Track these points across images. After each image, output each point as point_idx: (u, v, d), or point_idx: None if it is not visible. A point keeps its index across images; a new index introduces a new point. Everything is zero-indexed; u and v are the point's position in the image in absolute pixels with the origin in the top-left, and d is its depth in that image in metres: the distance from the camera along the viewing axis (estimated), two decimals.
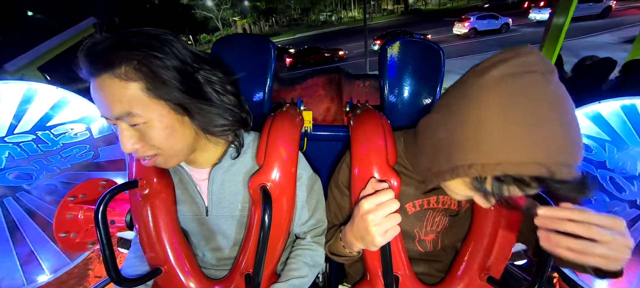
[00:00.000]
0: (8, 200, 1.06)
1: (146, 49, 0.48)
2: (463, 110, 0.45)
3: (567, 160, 0.39)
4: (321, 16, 36.37)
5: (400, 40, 0.94)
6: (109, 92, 0.48)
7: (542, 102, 0.40)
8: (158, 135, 0.52)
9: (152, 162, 0.56)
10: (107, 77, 0.47)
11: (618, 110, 1.10)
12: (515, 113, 0.40)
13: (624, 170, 1.06)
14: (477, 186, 0.46)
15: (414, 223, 0.71)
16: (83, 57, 0.48)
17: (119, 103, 0.48)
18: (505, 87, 0.41)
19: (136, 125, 0.51)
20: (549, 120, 0.39)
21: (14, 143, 1.09)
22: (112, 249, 0.58)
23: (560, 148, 0.39)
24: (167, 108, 0.52)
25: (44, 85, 1.16)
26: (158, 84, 0.49)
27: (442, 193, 0.68)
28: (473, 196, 0.51)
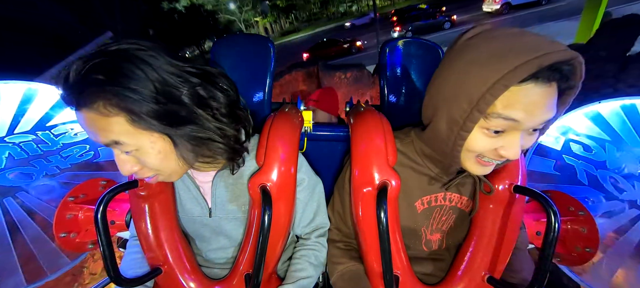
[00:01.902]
0: (8, 200, 1.06)
1: (118, 82, 0.43)
2: (456, 64, 0.52)
3: (559, 46, 0.45)
4: (341, 8, 35.81)
5: (400, 40, 0.94)
6: (92, 124, 0.46)
7: (515, 31, 0.49)
8: (153, 160, 0.51)
9: (153, 180, 0.56)
10: (86, 111, 0.45)
11: (618, 110, 1.10)
12: (499, 39, 0.48)
13: (624, 171, 1.06)
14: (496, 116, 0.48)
15: (422, 221, 0.71)
16: (61, 90, 0.46)
17: (105, 133, 0.46)
18: (482, 35, 0.51)
19: (129, 152, 0.50)
20: (525, 34, 0.48)
21: (14, 143, 1.09)
22: (112, 249, 0.58)
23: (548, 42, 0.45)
24: (155, 134, 0.49)
25: (44, 85, 1.16)
26: (141, 116, 0.46)
27: (451, 188, 0.68)
28: (494, 146, 0.52)
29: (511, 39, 0.47)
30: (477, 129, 0.51)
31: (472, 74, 0.48)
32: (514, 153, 0.50)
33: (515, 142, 0.50)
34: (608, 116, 1.11)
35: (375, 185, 0.64)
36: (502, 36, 0.48)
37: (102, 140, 0.48)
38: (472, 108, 0.48)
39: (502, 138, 0.51)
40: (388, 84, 0.95)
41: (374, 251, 0.66)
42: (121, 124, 0.46)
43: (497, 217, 0.66)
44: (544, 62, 0.43)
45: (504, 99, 0.46)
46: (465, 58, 0.50)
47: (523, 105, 0.46)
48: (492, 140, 0.51)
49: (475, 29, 0.53)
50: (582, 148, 1.13)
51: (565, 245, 0.88)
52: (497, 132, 0.50)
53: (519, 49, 0.45)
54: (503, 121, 0.48)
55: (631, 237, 1.00)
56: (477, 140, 0.52)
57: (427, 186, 0.68)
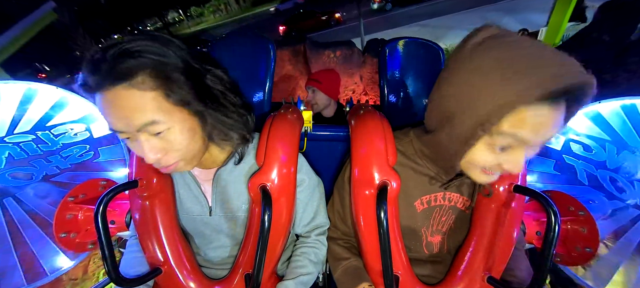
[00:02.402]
0: (8, 200, 1.06)
1: (154, 54, 0.46)
2: (463, 75, 0.49)
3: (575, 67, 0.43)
4: None
5: (401, 40, 0.94)
6: (127, 104, 0.45)
7: (526, 44, 0.46)
8: (181, 139, 0.51)
9: (173, 168, 0.54)
10: (122, 88, 0.44)
11: (618, 110, 1.10)
12: (510, 51, 0.45)
13: (624, 170, 1.06)
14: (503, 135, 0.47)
15: (422, 222, 0.71)
16: (89, 71, 0.45)
17: (141, 113, 0.46)
18: (492, 43, 0.48)
19: (159, 134, 0.49)
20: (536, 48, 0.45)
21: (14, 143, 1.09)
22: (112, 249, 0.58)
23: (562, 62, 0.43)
24: (185, 111, 0.51)
25: (44, 85, 1.16)
26: (175, 89, 0.48)
27: (451, 188, 0.68)
28: (498, 161, 0.51)
29: (523, 53, 0.45)
30: (481, 144, 0.51)
31: (479, 90, 0.47)
32: (518, 169, 0.50)
33: (520, 159, 0.50)
34: (608, 116, 1.11)
35: (375, 185, 0.64)
36: (514, 48, 0.46)
37: (134, 122, 0.46)
38: (477, 126, 0.48)
39: (506, 154, 0.50)
40: (388, 84, 0.95)
41: (374, 251, 0.66)
42: (158, 100, 0.47)
43: (497, 217, 0.66)
44: (558, 86, 0.41)
45: (512, 119, 0.45)
46: (473, 69, 0.48)
47: (532, 125, 0.45)
48: (496, 155, 0.51)
49: (484, 30, 0.50)
50: (582, 148, 1.13)
51: (565, 245, 0.88)
52: (501, 149, 0.49)
53: (531, 68, 0.43)
54: (510, 139, 0.47)
55: (631, 237, 1.00)
56: (481, 155, 0.52)
57: (427, 186, 0.68)
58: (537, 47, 0.45)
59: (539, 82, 0.42)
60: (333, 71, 1.70)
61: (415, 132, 0.68)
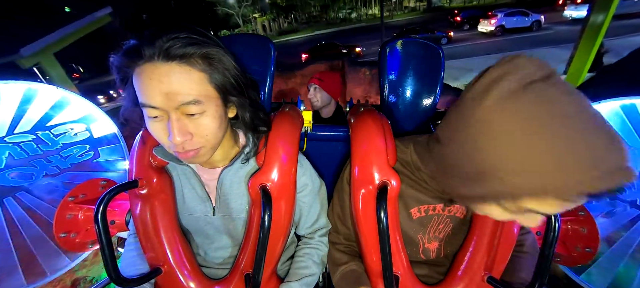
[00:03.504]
0: (8, 200, 1.06)
1: (210, 44, 0.51)
2: (477, 140, 0.41)
3: (615, 163, 0.34)
4: (340, 13, 36.31)
5: (400, 40, 0.94)
6: (177, 79, 0.48)
7: (556, 109, 0.35)
8: (211, 125, 0.53)
9: (194, 155, 0.55)
10: (176, 64, 0.48)
11: (618, 110, 1.10)
12: (534, 128, 0.36)
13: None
14: (524, 211, 0.41)
15: (418, 229, 0.70)
16: (147, 40, 0.47)
17: (187, 91, 0.49)
18: (512, 105, 0.37)
19: (193, 115, 0.51)
20: (572, 127, 0.35)
21: (14, 143, 1.09)
22: (112, 249, 0.58)
23: (599, 154, 0.34)
24: (220, 99, 0.54)
25: (44, 85, 1.16)
26: (219, 76, 0.52)
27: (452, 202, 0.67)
28: (508, 218, 0.46)
29: (565, 131, 0.35)
30: (496, 206, 0.45)
31: (501, 166, 0.39)
32: (536, 225, 0.46)
33: (538, 220, 0.45)
34: (608, 116, 1.11)
35: (375, 184, 0.64)
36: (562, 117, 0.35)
37: (178, 99, 0.48)
38: (487, 198, 0.42)
39: (522, 216, 0.45)
40: (388, 84, 0.95)
41: (374, 251, 0.66)
42: (204, 82, 0.50)
43: None
44: (601, 188, 0.34)
45: (540, 201, 0.39)
46: (495, 135, 0.39)
47: (559, 207, 0.39)
48: (508, 215, 0.45)
49: (514, 75, 0.38)
50: None
51: (565, 245, 0.89)
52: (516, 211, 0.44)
53: (574, 158, 0.34)
54: (523, 209, 0.41)
55: (631, 237, 1.00)
56: (492, 212, 0.47)
57: (424, 197, 0.66)
58: (588, 123, 0.35)
59: (582, 182, 0.34)
60: (336, 74, 1.71)
61: (415, 145, 0.64)
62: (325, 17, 36.78)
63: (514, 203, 0.41)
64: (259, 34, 12.39)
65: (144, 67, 0.47)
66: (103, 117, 1.23)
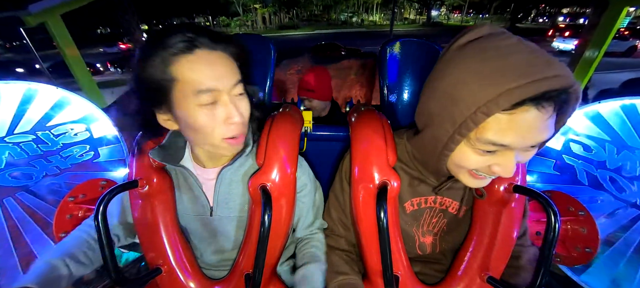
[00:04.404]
0: (8, 200, 1.06)
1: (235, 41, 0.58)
2: (445, 77, 0.49)
3: (554, 70, 0.41)
4: (342, 16, 36.71)
5: (401, 41, 0.94)
6: (227, 64, 0.55)
7: (502, 43, 0.45)
8: (248, 106, 0.60)
9: (242, 139, 0.61)
10: (223, 51, 0.55)
11: (618, 110, 1.10)
12: (490, 53, 0.45)
13: (624, 170, 1.06)
14: (485, 142, 0.47)
15: (412, 222, 0.71)
16: (201, 32, 0.53)
17: (235, 73, 0.56)
18: (469, 48, 0.48)
19: (240, 96, 0.58)
20: (515, 51, 0.44)
21: (14, 143, 1.09)
22: (112, 249, 0.58)
23: (544, 62, 0.42)
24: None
25: (44, 85, 1.16)
26: (242, 68, 0.59)
27: (442, 193, 0.68)
28: (487, 164, 0.50)
29: (502, 56, 0.44)
30: (467, 147, 0.50)
31: (457, 95, 0.46)
32: (508, 172, 0.49)
33: (510, 162, 0.49)
34: (608, 116, 1.11)
35: (375, 185, 0.64)
36: (495, 49, 0.45)
37: (231, 79, 0.55)
38: (454, 131, 0.48)
39: (495, 156, 0.49)
40: (388, 84, 0.95)
41: (374, 251, 0.66)
42: (235, 67, 0.57)
43: (496, 217, 0.66)
44: (532, 92, 0.40)
45: (493, 126, 0.45)
46: (454, 73, 0.48)
47: (513, 130, 0.44)
48: (484, 157, 0.50)
49: (471, 32, 0.49)
50: (582, 148, 1.13)
51: (565, 245, 0.89)
52: (488, 151, 0.49)
53: (507, 72, 0.42)
54: (491, 146, 0.47)
55: (631, 237, 1.00)
56: (467, 158, 0.51)
57: (417, 188, 0.69)
58: (519, 48, 0.44)
59: (512, 88, 0.41)
60: (323, 72, 1.61)
61: (408, 135, 0.68)
62: (326, 17, 36.93)
63: (477, 136, 0.47)
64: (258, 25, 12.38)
65: (197, 54, 0.52)
66: (103, 117, 1.22)
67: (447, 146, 0.50)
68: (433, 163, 0.57)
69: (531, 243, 0.74)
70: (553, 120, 0.45)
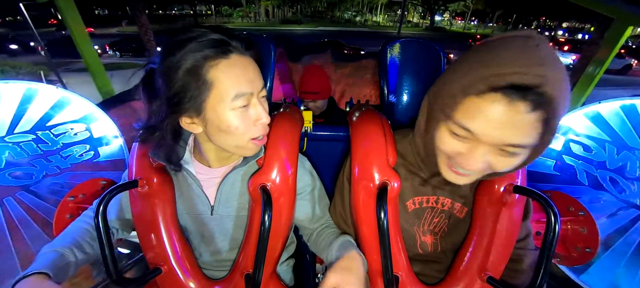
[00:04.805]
0: (8, 200, 1.06)
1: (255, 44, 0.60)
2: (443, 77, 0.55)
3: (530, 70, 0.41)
4: (346, 14, 36.65)
5: (401, 41, 0.94)
6: (254, 67, 0.58)
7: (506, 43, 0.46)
8: (267, 108, 0.62)
9: (265, 140, 0.65)
10: (249, 56, 0.58)
11: (618, 110, 1.10)
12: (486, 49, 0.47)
13: (624, 171, 1.06)
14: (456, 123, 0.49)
15: (413, 221, 0.72)
16: (234, 37, 0.55)
17: (260, 76, 0.60)
18: (483, 43, 0.50)
19: (263, 98, 0.61)
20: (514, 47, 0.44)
21: (14, 143, 1.09)
22: (112, 249, 0.58)
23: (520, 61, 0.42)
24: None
25: (44, 85, 1.16)
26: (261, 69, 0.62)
27: (443, 193, 0.68)
28: (457, 150, 0.52)
29: (496, 48, 0.45)
30: (445, 129, 0.52)
31: (449, 80, 0.50)
32: (469, 165, 0.50)
33: (474, 154, 0.49)
34: (608, 116, 1.11)
35: (375, 185, 0.64)
36: (491, 47, 0.47)
37: (260, 82, 0.60)
38: (440, 110, 0.52)
39: (465, 145, 0.50)
40: (388, 84, 0.95)
41: (374, 250, 0.66)
42: (260, 74, 0.60)
43: (497, 217, 0.66)
44: (497, 81, 0.42)
45: (465, 108, 0.47)
46: (455, 63, 0.52)
47: (481, 118, 0.45)
48: (456, 142, 0.51)
49: (492, 36, 0.50)
50: (582, 149, 1.13)
51: (565, 245, 0.89)
52: (460, 136, 0.50)
53: (490, 62, 0.44)
54: (461, 129, 0.48)
55: (631, 237, 1.00)
56: (443, 139, 0.53)
57: (419, 187, 0.69)
58: (518, 46, 0.44)
59: (480, 78, 0.43)
60: (321, 71, 1.62)
61: (413, 133, 0.68)
62: (330, 14, 36.87)
63: (453, 118, 0.49)
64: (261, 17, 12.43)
65: (233, 58, 0.54)
66: (103, 117, 1.22)
67: (430, 125, 0.55)
68: (429, 154, 0.59)
69: (534, 247, 0.74)
70: (531, 125, 0.44)
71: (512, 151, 0.47)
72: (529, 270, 0.69)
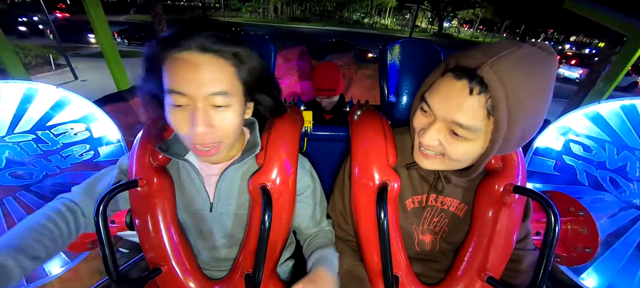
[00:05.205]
0: (8, 200, 1.06)
1: (240, 44, 0.55)
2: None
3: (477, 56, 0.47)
4: (354, 16, 36.59)
5: (401, 41, 0.94)
6: (210, 70, 0.51)
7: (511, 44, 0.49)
8: (234, 120, 0.56)
9: (215, 152, 0.58)
10: (211, 56, 0.51)
11: (618, 110, 1.10)
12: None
13: (624, 171, 1.06)
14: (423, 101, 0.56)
15: (412, 220, 0.72)
16: (187, 32, 0.51)
17: (218, 82, 0.52)
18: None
19: (219, 108, 0.54)
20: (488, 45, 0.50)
21: (14, 142, 1.09)
22: (112, 249, 0.58)
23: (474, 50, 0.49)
24: (243, 97, 0.58)
25: (44, 84, 1.16)
26: (246, 74, 0.56)
27: (443, 192, 0.68)
28: (420, 124, 0.58)
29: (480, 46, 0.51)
30: (418, 108, 0.59)
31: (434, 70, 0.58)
32: (426, 139, 0.55)
33: (431, 129, 0.54)
34: (608, 116, 1.11)
35: (375, 185, 0.64)
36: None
37: (209, 88, 0.51)
38: (420, 94, 0.58)
39: (427, 121, 0.56)
40: (388, 84, 0.95)
41: (374, 250, 0.66)
42: (231, 75, 0.54)
43: (496, 217, 0.66)
44: (450, 64, 0.51)
45: (432, 88, 0.54)
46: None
47: (436, 94, 0.53)
48: (422, 118, 0.57)
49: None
50: (582, 149, 1.13)
51: (565, 245, 0.89)
52: (425, 112, 0.56)
53: (461, 54, 0.50)
54: (426, 105, 0.55)
55: (631, 237, 1.00)
56: (415, 116, 0.60)
57: (418, 186, 0.69)
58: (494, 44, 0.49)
59: (449, 62, 0.51)
60: (332, 67, 1.65)
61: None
62: (339, 14, 36.84)
63: (424, 98, 0.55)
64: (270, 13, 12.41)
65: (181, 55, 0.50)
66: (103, 117, 1.22)
67: (414, 111, 0.60)
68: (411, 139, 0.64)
69: (534, 248, 0.74)
70: (473, 108, 0.48)
71: (460, 133, 0.51)
72: (528, 270, 0.69)
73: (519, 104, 0.45)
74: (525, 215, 0.69)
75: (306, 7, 35.83)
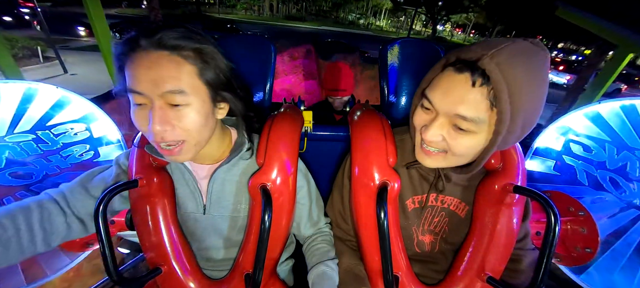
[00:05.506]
0: (8, 199, 1.06)
1: (204, 42, 0.53)
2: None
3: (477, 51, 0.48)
4: (350, 16, 36.57)
5: (401, 41, 0.94)
6: (166, 67, 0.49)
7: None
8: (195, 119, 0.54)
9: (178, 151, 0.55)
10: (167, 53, 0.50)
11: (618, 111, 1.10)
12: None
13: (624, 171, 1.06)
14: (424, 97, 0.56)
15: (413, 221, 0.71)
16: (144, 32, 0.50)
17: (174, 80, 0.50)
18: None
19: (177, 106, 0.51)
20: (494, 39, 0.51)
21: (14, 142, 1.09)
22: (112, 249, 0.58)
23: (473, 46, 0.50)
24: (208, 96, 0.55)
25: (44, 84, 1.16)
26: (211, 73, 0.54)
27: (443, 192, 0.68)
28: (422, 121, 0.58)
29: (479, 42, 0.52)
30: (419, 105, 0.59)
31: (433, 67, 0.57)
32: (428, 136, 0.55)
33: (433, 125, 0.54)
34: (608, 116, 1.11)
35: (375, 185, 0.64)
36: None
37: (164, 86, 0.49)
38: (420, 91, 0.58)
39: (429, 118, 0.56)
40: (388, 84, 0.95)
41: (374, 250, 0.66)
42: (191, 74, 0.52)
43: (496, 217, 0.66)
44: (450, 58, 0.51)
45: (432, 84, 0.54)
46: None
47: (437, 89, 0.53)
48: (423, 115, 0.57)
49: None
50: (582, 149, 1.13)
51: (565, 245, 0.89)
52: (427, 109, 0.56)
53: (458, 49, 0.51)
54: (427, 101, 0.55)
55: (631, 237, 1.00)
56: (416, 114, 0.59)
57: (418, 185, 0.69)
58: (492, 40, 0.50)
59: (449, 57, 0.52)
60: (345, 68, 1.67)
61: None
62: (334, 14, 36.85)
63: (425, 94, 0.55)
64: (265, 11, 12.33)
65: (138, 54, 0.49)
66: (103, 117, 1.22)
67: (414, 108, 0.60)
68: (411, 138, 0.64)
69: (533, 247, 0.74)
70: (476, 99, 0.48)
71: (464, 126, 0.50)
72: (528, 270, 0.69)
73: (519, 94, 0.46)
74: (525, 215, 0.69)
75: (302, 6, 35.77)
